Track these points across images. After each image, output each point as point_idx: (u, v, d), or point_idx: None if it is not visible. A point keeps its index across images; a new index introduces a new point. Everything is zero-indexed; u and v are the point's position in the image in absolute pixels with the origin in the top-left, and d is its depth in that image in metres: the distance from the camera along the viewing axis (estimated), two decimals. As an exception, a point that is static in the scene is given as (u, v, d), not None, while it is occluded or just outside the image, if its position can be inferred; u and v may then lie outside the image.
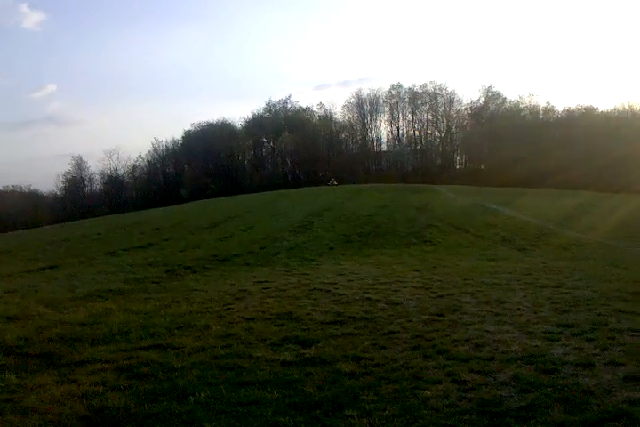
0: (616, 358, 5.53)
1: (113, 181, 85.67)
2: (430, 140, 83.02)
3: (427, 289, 10.20)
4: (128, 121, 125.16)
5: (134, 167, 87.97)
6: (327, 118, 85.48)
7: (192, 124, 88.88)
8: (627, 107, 70.12)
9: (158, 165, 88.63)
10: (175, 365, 6.01)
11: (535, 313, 7.87)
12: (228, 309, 9.04)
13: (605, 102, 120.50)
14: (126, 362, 6.22)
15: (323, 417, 4.42)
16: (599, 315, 7.51)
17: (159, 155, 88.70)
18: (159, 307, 9.47)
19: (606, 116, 69.50)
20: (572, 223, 22.94)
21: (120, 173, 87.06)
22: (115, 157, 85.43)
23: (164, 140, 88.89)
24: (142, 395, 5.11)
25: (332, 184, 45.77)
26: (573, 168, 54.30)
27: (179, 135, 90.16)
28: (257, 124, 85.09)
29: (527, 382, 4.97)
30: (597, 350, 5.85)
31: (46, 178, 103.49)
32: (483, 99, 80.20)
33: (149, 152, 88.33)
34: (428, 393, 4.86)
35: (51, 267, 16.30)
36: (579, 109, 74.79)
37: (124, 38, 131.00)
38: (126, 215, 43.36)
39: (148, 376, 5.69)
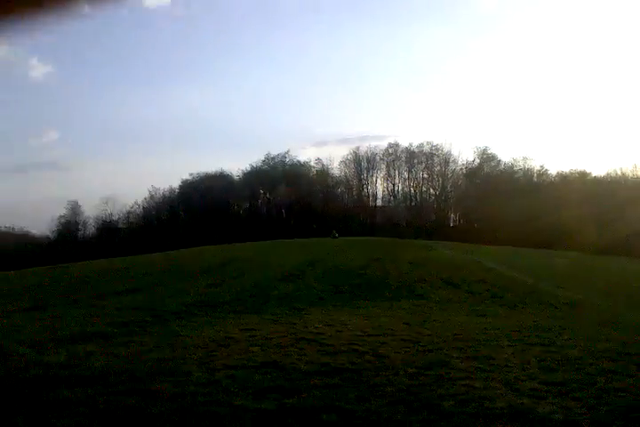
0: (602, 417, 5.43)
1: (107, 226, 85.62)
2: (425, 198, 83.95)
3: (415, 343, 10.07)
4: (126, 169, 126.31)
5: (129, 213, 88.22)
6: (324, 173, 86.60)
7: (190, 174, 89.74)
8: (619, 173, 71.59)
9: (154, 212, 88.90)
10: (153, 411, 5.84)
11: (523, 370, 7.76)
12: (212, 355, 8.87)
13: (598, 167, 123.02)
14: (103, 406, 6.05)
15: (300, 469, 4.28)
16: (587, 374, 7.41)
17: (155, 202, 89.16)
18: (141, 351, 9.29)
19: (599, 181, 70.80)
20: (563, 283, 22.91)
21: (115, 218, 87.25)
22: (110, 204, 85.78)
23: (162, 188, 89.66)
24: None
25: (334, 236, 46.75)
26: (565, 229, 54.81)
27: (176, 184, 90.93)
28: (255, 176, 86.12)
29: (512, 439, 4.86)
30: (584, 410, 5.74)
31: (41, 222, 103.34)
32: (477, 160, 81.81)
33: (146, 199, 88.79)
34: (411, 448, 4.73)
35: (36, 308, 16.07)
36: (572, 173, 76.24)
37: (126, 91, 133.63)
38: (118, 260, 43.05)
39: (124, 422, 5.54)
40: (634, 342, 10.25)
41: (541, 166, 79.78)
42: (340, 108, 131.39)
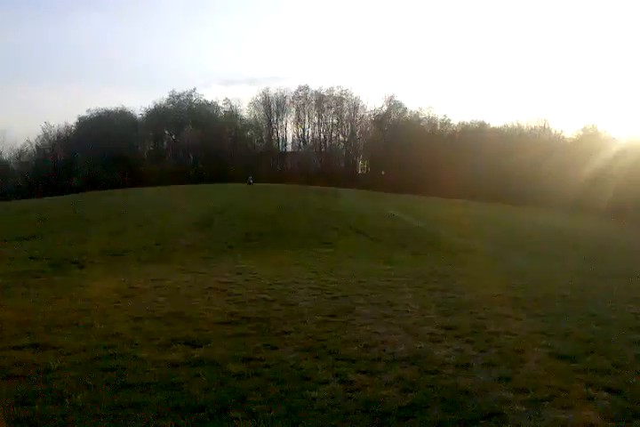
0: (492, 359, 5.90)
1: (-4, 166, 78.98)
2: (335, 144, 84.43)
3: (322, 290, 10.34)
4: (16, 103, 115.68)
5: (21, 152, 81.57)
6: (233, 115, 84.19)
7: (88, 111, 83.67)
8: (515, 124, 75.53)
9: (48, 151, 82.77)
10: (52, 366, 5.62)
11: (422, 315, 8.22)
12: (116, 307, 8.64)
13: (496, 119, 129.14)
14: (-3, 362, 5.74)
15: (207, 420, 4.31)
16: (479, 318, 7.99)
17: (50, 140, 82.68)
18: (39, 303, 8.88)
19: (497, 132, 74.46)
20: (464, 232, 24.28)
21: (5, 157, 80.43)
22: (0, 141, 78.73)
23: (56, 125, 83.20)
24: (13, 397, 4.72)
25: (249, 182, 46.30)
26: (466, 179, 57.56)
27: (72, 121, 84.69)
28: (159, 115, 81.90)
29: (410, 382, 5.17)
30: (476, 352, 6.20)
31: None
32: (385, 107, 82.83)
33: (39, 137, 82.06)
34: (315, 394, 4.90)
35: None
36: (472, 124, 79.52)
37: (15, 17, 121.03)
38: (10, 203, 40.21)
39: (21, 378, 5.28)
40: (522, 287, 11.14)
41: (444, 115, 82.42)
42: (250, 45, 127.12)
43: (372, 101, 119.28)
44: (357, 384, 5.14)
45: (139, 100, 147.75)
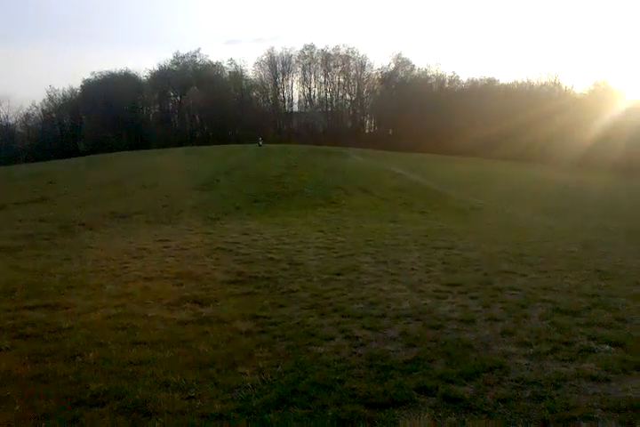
0: (496, 314, 5.95)
1: (3, 131, 78.69)
2: (341, 103, 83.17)
3: (329, 249, 10.41)
4: (20, 66, 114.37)
5: (27, 116, 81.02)
6: (238, 75, 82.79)
7: (92, 73, 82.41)
8: (525, 80, 73.82)
9: (54, 115, 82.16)
10: (63, 325, 5.75)
11: (427, 273, 8.27)
12: (125, 267, 8.75)
13: (506, 75, 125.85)
14: (10, 322, 5.88)
15: (215, 375, 4.42)
16: (485, 275, 8.03)
17: (55, 104, 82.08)
18: (49, 265, 9.02)
19: (507, 88, 72.88)
20: (472, 190, 24.16)
21: (11, 121, 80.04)
22: (5, 105, 78.27)
23: (61, 88, 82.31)
24: (26, 356, 4.85)
25: (260, 144, 44.96)
26: (475, 137, 56.78)
27: (77, 84, 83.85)
28: (163, 77, 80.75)
29: (414, 337, 5.24)
30: (480, 308, 6.26)
31: None
32: (393, 65, 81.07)
33: (44, 101, 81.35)
34: (321, 349, 4.99)
35: None
36: (481, 80, 77.85)
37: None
38: (18, 167, 40.32)
39: (33, 337, 5.41)
40: (529, 244, 11.14)
41: (453, 72, 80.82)
42: (254, 3, 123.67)
43: (379, 59, 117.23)
44: (362, 340, 5.23)
45: (143, 62, 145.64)
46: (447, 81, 79.94)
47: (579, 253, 10.15)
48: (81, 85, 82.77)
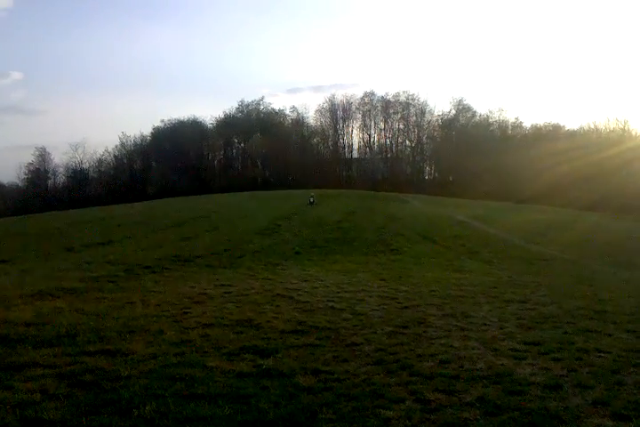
0: (584, 380, 5.36)
1: (77, 175, 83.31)
2: (401, 150, 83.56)
3: (392, 299, 9.98)
4: (96, 114, 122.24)
5: (100, 161, 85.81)
6: (300, 122, 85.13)
7: (162, 121, 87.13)
8: (592, 126, 71.81)
9: (125, 161, 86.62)
10: (122, 373, 5.60)
11: (501, 329, 7.70)
12: (186, 313, 8.64)
13: (571, 121, 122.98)
14: (70, 368, 5.78)
15: (277, 438, 4.09)
16: (565, 333, 7.38)
17: (127, 150, 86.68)
18: (113, 308, 9.02)
19: (572, 134, 71.06)
20: (537, 238, 23.15)
21: (85, 166, 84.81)
22: (80, 151, 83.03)
23: (133, 135, 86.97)
24: (82, 406, 4.69)
25: (311, 201, 34.84)
26: (539, 184, 55.26)
27: (147, 131, 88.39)
28: (228, 124, 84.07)
29: (493, 404, 4.74)
30: (565, 371, 5.67)
31: (7, 169, 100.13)
32: (453, 111, 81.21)
33: (116, 147, 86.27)
34: (390, 413, 4.58)
35: (3, 261, 15.59)
36: (546, 126, 76.38)
37: (97, 29, 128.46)
38: (89, 210, 42.21)
39: (91, 385, 5.27)
40: (610, 300, 10.31)
41: (516, 118, 79.79)
42: (314, 52, 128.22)
43: (439, 106, 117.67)
44: (435, 404, 4.78)
45: (210, 110, 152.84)
46: (510, 127, 79.01)
47: (668, 311, 9.26)
48: (151, 132, 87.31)
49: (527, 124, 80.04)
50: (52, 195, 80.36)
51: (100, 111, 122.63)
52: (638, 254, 20.11)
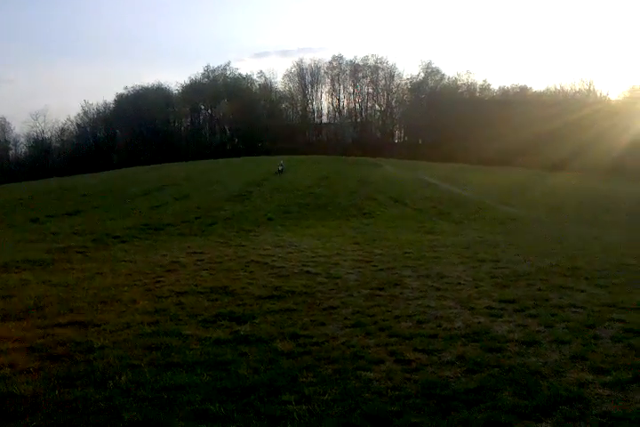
0: (561, 335, 5.42)
1: (39, 145, 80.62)
2: (370, 114, 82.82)
3: (367, 262, 9.97)
4: (56, 82, 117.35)
5: (62, 130, 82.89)
6: (267, 87, 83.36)
7: (125, 88, 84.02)
8: (559, 87, 72.19)
9: (88, 129, 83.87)
10: (95, 344, 5.44)
11: (476, 288, 7.76)
12: (158, 282, 8.47)
13: (538, 83, 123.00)
14: (40, 341, 5.60)
15: (257, 404, 4.02)
16: (539, 290, 7.48)
17: (89, 118, 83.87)
18: (82, 279, 8.78)
19: (539, 96, 71.40)
20: (507, 199, 23.41)
21: (47, 136, 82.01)
22: (41, 120, 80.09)
23: (95, 103, 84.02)
24: (55, 379, 4.54)
25: (280, 170, 31.91)
26: (508, 145, 55.66)
27: (111, 98, 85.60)
28: (194, 90, 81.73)
29: (473, 361, 4.76)
30: (542, 327, 5.73)
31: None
32: (422, 74, 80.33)
33: (79, 115, 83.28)
34: (371, 375, 4.56)
35: (-35, 234, 15.04)
36: (513, 88, 76.52)
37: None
38: (53, 180, 40.96)
39: (63, 357, 5.11)
40: (581, 257, 10.49)
41: (484, 81, 79.74)
42: (280, 16, 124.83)
43: (408, 69, 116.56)
44: (416, 364, 4.77)
45: (174, 76, 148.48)
46: (478, 89, 78.89)
47: (638, 265, 9.46)
48: (114, 100, 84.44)
49: (495, 86, 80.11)
50: (14, 166, 77.86)
51: (61, 80, 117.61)
52: (605, 212, 20.55)
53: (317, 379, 4.47)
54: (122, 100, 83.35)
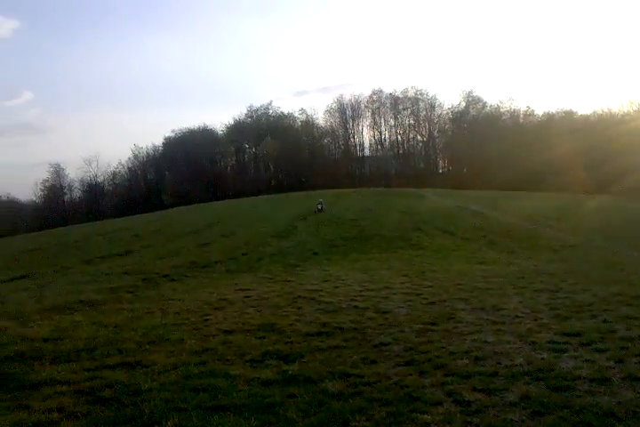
0: (634, 371, 4.97)
1: (93, 189, 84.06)
2: (413, 145, 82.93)
3: (417, 295, 9.63)
4: (107, 128, 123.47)
5: (114, 174, 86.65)
6: (309, 124, 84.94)
7: (173, 131, 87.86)
8: (605, 110, 70.43)
9: (139, 172, 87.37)
10: (142, 386, 5.35)
11: (535, 320, 7.32)
12: (206, 320, 8.39)
13: (584, 106, 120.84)
14: (88, 383, 5.55)
15: (309, 451, 3.80)
16: (605, 322, 6.98)
17: (140, 161, 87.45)
18: (131, 319, 8.80)
19: (585, 119, 69.81)
20: (558, 225, 22.60)
21: (100, 180, 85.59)
22: (94, 165, 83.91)
23: (145, 146, 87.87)
24: (102, 424, 4.45)
25: (319, 209, 29.01)
26: (554, 170, 54.36)
27: (159, 142, 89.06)
28: (238, 130, 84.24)
29: (539, 402, 4.39)
30: (612, 363, 5.29)
31: (24, 187, 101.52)
32: (463, 103, 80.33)
33: (129, 159, 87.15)
34: (428, 418, 4.26)
35: (22, 276, 15.55)
36: (558, 113, 75.20)
37: (103, 45, 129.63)
38: (106, 223, 42.35)
39: (110, 401, 5.02)
40: (644, 284, 9.87)
41: (527, 107, 78.74)
42: (317, 54, 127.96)
43: (449, 99, 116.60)
44: (476, 405, 4.44)
45: (219, 118, 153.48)
46: (521, 116, 77.95)
47: None
48: (163, 142, 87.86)
49: (539, 111, 79.04)
50: (69, 209, 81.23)
51: (111, 125, 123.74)
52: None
53: (370, 423, 4.22)
54: (170, 143, 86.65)
